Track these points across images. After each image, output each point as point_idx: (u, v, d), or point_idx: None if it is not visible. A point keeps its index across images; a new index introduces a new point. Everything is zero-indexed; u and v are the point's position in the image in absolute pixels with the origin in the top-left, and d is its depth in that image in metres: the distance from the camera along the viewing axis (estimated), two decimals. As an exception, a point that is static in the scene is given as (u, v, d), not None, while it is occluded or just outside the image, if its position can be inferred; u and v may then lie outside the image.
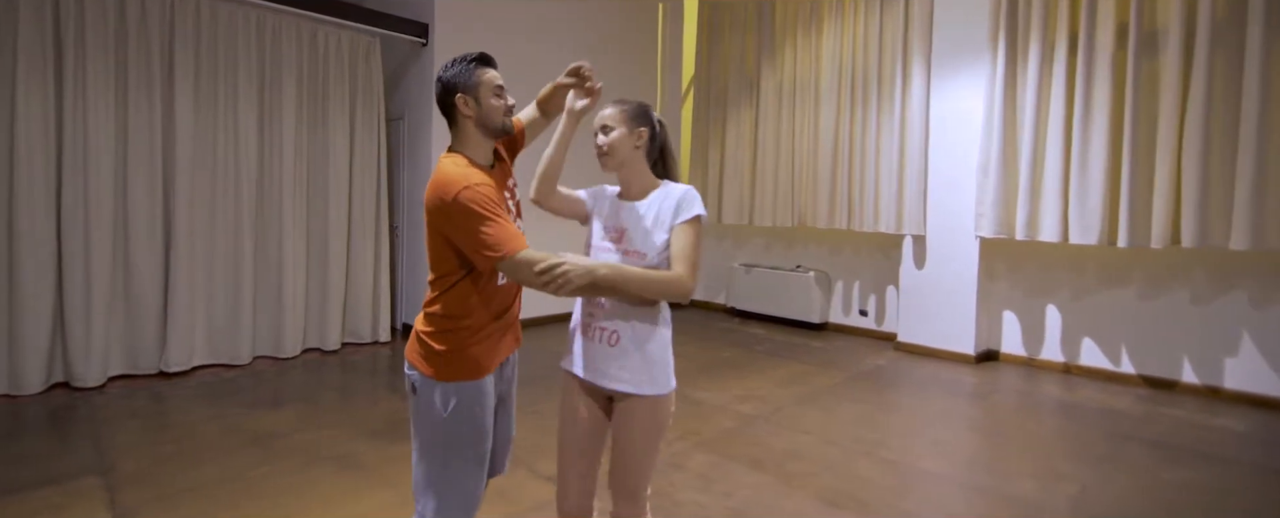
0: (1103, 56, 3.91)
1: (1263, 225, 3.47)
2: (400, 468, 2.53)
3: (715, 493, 2.39)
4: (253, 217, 3.98)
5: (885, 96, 4.99)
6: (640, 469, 1.44)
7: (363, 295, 4.49)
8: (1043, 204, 4.17)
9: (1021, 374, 4.31)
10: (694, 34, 6.55)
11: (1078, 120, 4.01)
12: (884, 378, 4.14)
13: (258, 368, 3.93)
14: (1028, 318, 4.58)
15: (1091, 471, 2.71)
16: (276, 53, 4.03)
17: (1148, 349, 4.09)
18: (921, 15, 4.75)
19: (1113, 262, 4.22)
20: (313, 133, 4.24)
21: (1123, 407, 3.63)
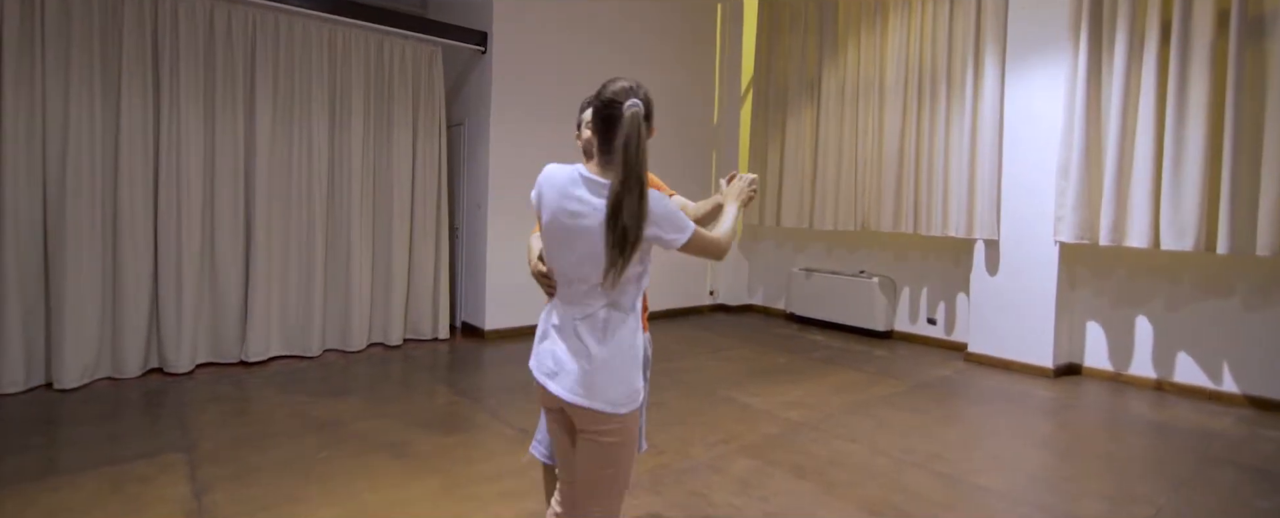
0: (1200, 45, 3.65)
1: (1393, 230, 3.14)
2: (449, 458, 2.70)
3: (752, 498, 2.41)
4: (324, 218, 4.32)
5: (955, 95, 4.83)
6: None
7: (424, 294, 4.77)
8: (1131, 207, 3.93)
9: (1106, 389, 4.06)
10: (753, 34, 6.55)
11: (1171, 116, 3.75)
12: (948, 389, 4.01)
13: (326, 360, 4.26)
14: (1115, 330, 4.31)
15: (1172, 494, 2.54)
16: (346, 64, 4.36)
17: (1253, 366, 3.77)
18: (995, 8, 4.58)
19: (1212, 270, 3.91)
20: (379, 139, 4.56)
21: (1220, 428, 3.37)
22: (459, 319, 5.27)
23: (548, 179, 1.32)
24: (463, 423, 3.15)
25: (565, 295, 1.34)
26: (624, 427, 1.30)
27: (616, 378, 1.29)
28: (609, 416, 1.28)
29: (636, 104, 1.25)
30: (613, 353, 1.29)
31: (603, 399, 1.28)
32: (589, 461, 1.32)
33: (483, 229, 4.96)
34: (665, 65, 6.00)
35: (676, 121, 6.13)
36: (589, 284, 1.29)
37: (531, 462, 2.65)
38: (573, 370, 1.29)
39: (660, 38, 5.95)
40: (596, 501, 1.34)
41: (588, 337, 1.28)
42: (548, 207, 1.30)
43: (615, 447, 1.30)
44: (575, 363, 1.29)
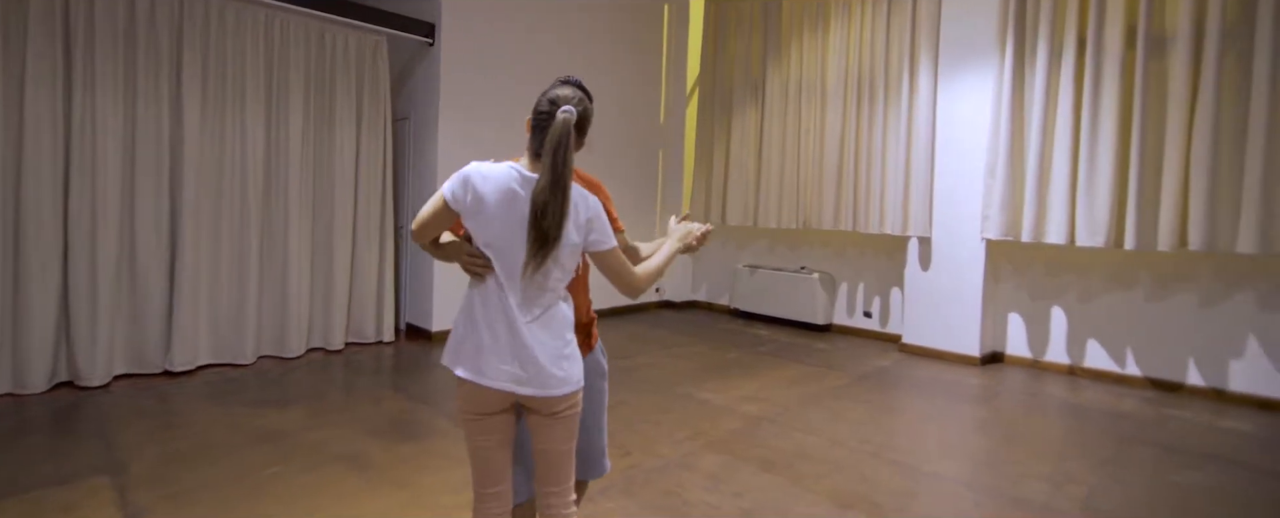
0: (1111, 58, 3.93)
1: (1271, 229, 3.49)
2: (410, 468, 2.53)
3: (726, 494, 2.40)
4: (259, 216, 3.99)
5: (892, 98, 5.01)
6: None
7: (367, 295, 4.50)
8: (1050, 206, 4.19)
9: (1027, 376, 4.33)
10: (699, 34, 6.57)
11: (1086, 122, 4.02)
12: (889, 379, 4.15)
13: (262, 367, 3.94)
14: (1033, 320, 4.60)
15: (1100, 473, 2.72)
16: (284, 52, 4.04)
17: (1154, 351, 4.11)
18: (929, 16, 4.77)
19: (1119, 264, 4.23)
20: (319, 132, 4.25)
21: (1129, 409, 3.64)
22: (403, 321, 5.02)
23: (483, 178, 1.28)
24: (420, 430, 2.98)
25: (515, 297, 1.30)
26: (580, 395, 1.39)
27: (575, 358, 1.36)
28: (577, 392, 1.36)
29: (570, 111, 1.27)
30: (567, 339, 1.35)
31: (573, 382, 1.34)
32: (562, 436, 1.37)
33: (430, 228, 4.73)
34: (613, 64, 5.92)
35: (624, 120, 6.07)
36: (550, 288, 1.32)
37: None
38: (547, 367, 1.30)
39: (609, 36, 5.86)
40: (568, 470, 1.40)
41: (542, 333, 1.31)
42: (492, 208, 1.28)
43: (577, 415, 1.39)
44: (549, 360, 1.30)
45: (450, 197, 1.29)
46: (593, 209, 1.32)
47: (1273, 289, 3.71)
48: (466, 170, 1.30)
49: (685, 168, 6.73)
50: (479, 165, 1.31)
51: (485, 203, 1.27)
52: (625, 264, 1.37)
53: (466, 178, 1.29)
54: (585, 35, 5.65)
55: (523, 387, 1.29)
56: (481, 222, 1.29)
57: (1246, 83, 3.55)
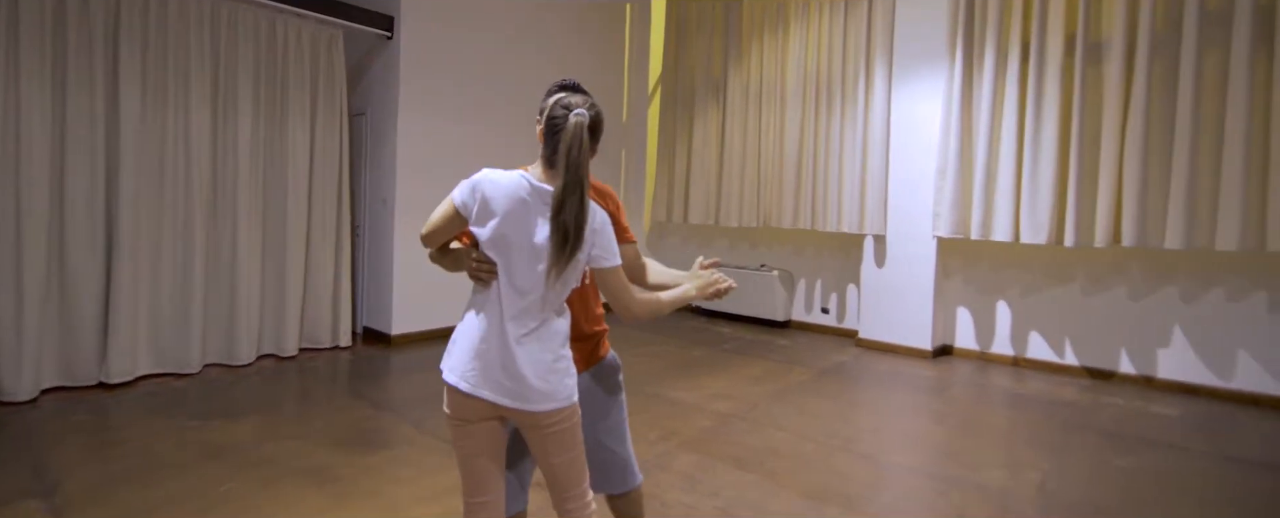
0: (1052, 65, 4.11)
1: (1193, 226, 3.72)
2: (378, 479, 2.42)
3: (702, 494, 2.39)
4: (205, 215, 3.74)
5: (848, 100, 5.11)
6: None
7: (322, 299, 4.29)
8: (996, 206, 4.36)
9: (975, 368, 4.50)
10: (661, 34, 6.55)
11: (1029, 125, 4.20)
12: (849, 374, 4.24)
13: (209, 376, 3.70)
14: (980, 314, 4.78)
15: (1051, 459, 2.84)
16: (232, 43, 3.79)
17: (1090, 342, 4.33)
18: (883, 21, 4.89)
19: (1058, 260, 4.44)
20: (270, 128, 4.02)
21: (1069, 397, 3.83)
22: (361, 325, 4.81)
23: (494, 186, 1.27)
24: (385, 439, 2.85)
25: (511, 308, 1.27)
26: (571, 411, 1.33)
27: (566, 373, 1.31)
28: (565, 408, 1.31)
29: (583, 114, 1.25)
30: (559, 354, 1.31)
31: (559, 398, 1.29)
32: (557, 450, 1.32)
33: (389, 228, 4.55)
34: (575, 61, 5.84)
35: (586, 119, 6.00)
36: (548, 301, 1.28)
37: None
38: (531, 381, 1.26)
39: (571, 34, 5.77)
40: (582, 474, 1.37)
41: (533, 346, 1.27)
42: (501, 217, 1.25)
43: (570, 429, 1.33)
44: (533, 375, 1.26)
45: (459, 203, 1.28)
46: (599, 221, 1.29)
47: (1196, 283, 3.96)
48: (476, 177, 1.29)
49: (648, 167, 6.71)
50: (489, 172, 1.29)
51: (494, 210, 1.25)
52: (626, 287, 1.33)
53: (476, 184, 1.28)
54: (548, 32, 5.55)
55: (506, 399, 1.26)
56: (489, 228, 1.26)
57: (1173, 88, 3.77)
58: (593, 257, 1.29)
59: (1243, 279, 3.82)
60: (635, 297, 1.34)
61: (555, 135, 1.27)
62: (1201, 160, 3.70)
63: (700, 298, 1.46)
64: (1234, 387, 3.84)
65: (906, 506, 2.36)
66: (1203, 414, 3.54)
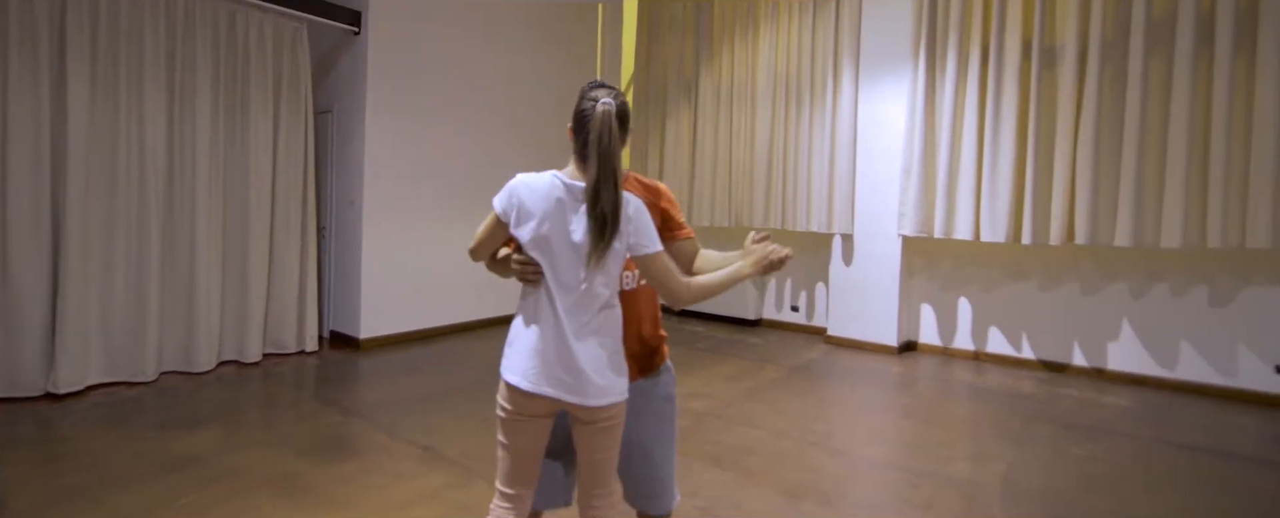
0: (1010, 69, 4.23)
1: (1141, 224, 3.88)
2: (352, 488, 2.34)
3: (681, 492, 2.36)
4: (161, 216, 3.55)
5: (817, 101, 5.18)
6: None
7: (287, 302, 4.13)
8: (958, 205, 4.47)
9: (938, 362, 4.61)
10: (633, 34, 6.53)
11: (989, 127, 4.32)
12: (819, 371, 4.29)
13: (166, 385, 3.52)
14: (942, 310, 4.90)
15: (1013, 450, 2.92)
16: (189, 35, 3.61)
17: (1045, 336, 4.48)
18: (851, 25, 4.96)
19: (1016, 257, 4.58)
20: (231, 125, 3.85)
21: (1026, 389, 3.95)
22: (328, 329, 4.66)
23: (530, 190, 1.30)
24: (358, 446, 2.76)
25: (563, 305, 1.29)
26: (623, 407, 1.35)
27: (621, 369, 1.33)
28: (620, 403, 1.33)
29: (609, 102, 1.27)
30: (616, 348, 1.33)
31: (615, 393, 1.31)
32: (604, 445, 1.35)
33: (357, 228, 4.41)
34: (548, 60, 5.77)
35: (559, 116, 5.93)
36: (595, 293, 1.29)
37: (450, 483, 2.39)
38: (590, 376, 1.27)
39: (543, 32, 5.70)
40: (611, 475, 1.38)
41: (590, 340, 1.29)
42: (539, 219, 1.28)
43: (619, 427, 1.36)
44: (592, 369, 1.28)
45: (500, 210, 1.32)
46: (634, 209, 1.28)
47: (1143, 279, 4.13)
48: (512, 183, 1.32)
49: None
50: (523, 176, 1.32)
51: (531, 212, 1.28)
52: (671, 271, 1.30)
53: (512, 189, 1.31)
54: (520, 30, 5.46)
55: (566, 394, 1.28)
56: (528, 230, 1.29)
57: (1121, 92, 3.93)
58: (632, 245, 1.28)
59: (1185, 275, 4.00)
60: (681, 280, 1.31)
61: (584, 126, 1.28)
62: (1148, 161, 3.86)
63: (756, 273, 1.37)
64: (1177, 377, 4.02)
65: (879, 500, 2.40)
66: (1150, 404, 3.70)
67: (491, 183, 5.63)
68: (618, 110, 1.27)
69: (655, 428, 1.47)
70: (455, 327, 5.07)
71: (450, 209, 4.93)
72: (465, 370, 3.99)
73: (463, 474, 2.47)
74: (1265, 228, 3.51)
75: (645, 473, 1.47)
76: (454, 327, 5.06)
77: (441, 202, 4.88)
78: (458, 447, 2.74)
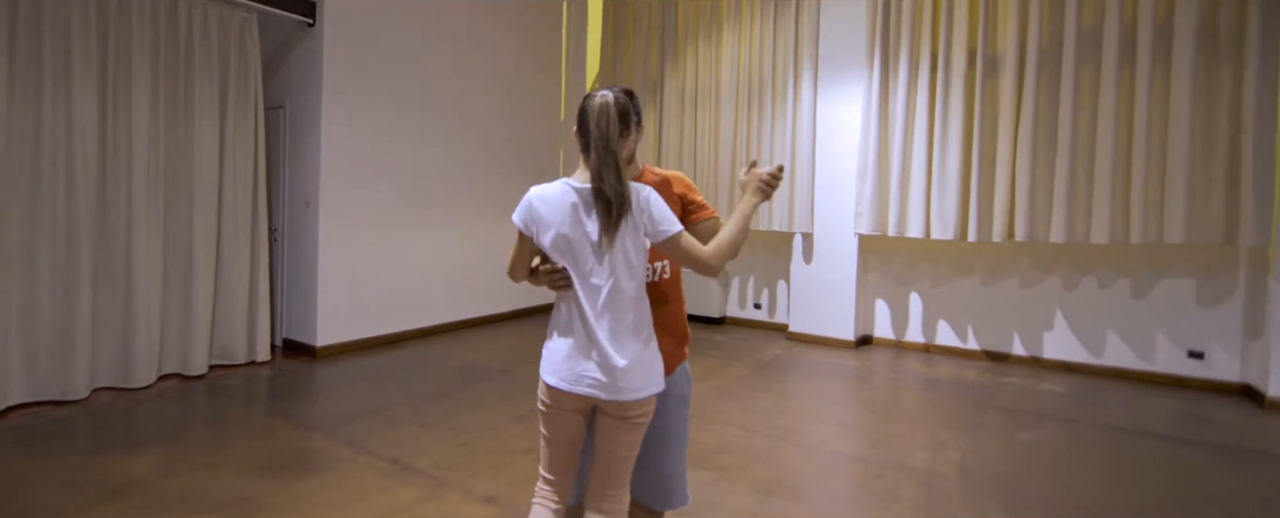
0: (957, 75, 4.38)
1: (1073, 222, 4.09)
2: (312, 506, 2.19)
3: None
4: (92, 218, 3.25)
5: (778, 104, 5.24)
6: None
7: (236, 309, 3.86)
8: (910, 204, 4.61)
9: (892, 355, 4.74)
10: (598, 33, 6.45)
11: (938, 131, 4.47)
12: (784, 367, 4.35)
13: (99, 403, 3.23)
14: (895, 305, 5.05)
15: (966, 438, 3.02)
16: (123, 22, 3.31)
17: (988, 328, 4.68)
18: (810, 31, 5.04)
19: (962, 254, 4.77)
20: (172, 120, 3.55)
21: (973, 379, 4.11)
22: (280, 337, 4.40)
23: (543, 200, 1.34)
24: (319, 462, 2.60)
25: (592, 306, 1.31)
26: (654, 402, 1.37)
27: (655, 361, 1.35)
28: (653, 397, 1.35)
29: (607, 94, 1.32)
30: (649, 339, 1.35)
31: (650, 386, 1.33)
32: (629, 441, 1.36)
33: (312, 230, 4.17)
34: (512, 57, 5.62)
35: (524, 115, 5.79)
36: (620, 287, 1.31)
37: (421, 497, 2.28)
38: (625, 372, 1.29)
39: (506, 29, 5.54)
40: (625, 476, 1.38)
41: (625, 335, 1.31)
42: (557, 225, 1.32)
43: (647, 423, 1.37)
44: (624, 365, 1.29)
45: (520, 224, 1.36)
46: (644, 198, 1.29)
47: (1075, 273, 4.37)
48: (527, 196, 1.36)
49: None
50: (536, 188, 1.36)
51: (549, 220, 1.32)
52: (694, 246, 1.30)
53: (528, 202, 1.36)
54: (483, 25, 5.29)
55: (602, 393, 1.31)
56: (549, 237, 1.33)
57: (1056, 99, 4.13)
58: (652, 232, 1.29)
59: (1111, 269, 4.24)
60: (705, 250, 1.31)
61: (584, 121, 1.32)
62: (1079, 164, 4.07)
63: (760, 197, 1.40)
64: (1105, 363, 4.26)
65: (847, 492, 2.43)
66: (1083, 389, 3.91)
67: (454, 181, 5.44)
68: (615, 101, 1.31)
69: (667, 427, 1.48)
70: (419, 331, 4.88)
71: (412, 208, 4.74)
72: (431, 377, 3.84)
73: (433, 487, 2.36)
74: (1179, 225, 3.76)
75: (656, 471, 1.49)
76: (418, 332, 4.87)
77: (403, 201, 4.68)
78: (427, 458, 2.62)
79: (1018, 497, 2.39)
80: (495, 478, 2.44)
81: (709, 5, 5.55)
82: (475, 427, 3.00)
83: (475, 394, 3.50)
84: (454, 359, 4.27)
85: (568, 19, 6.31)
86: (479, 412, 3.21)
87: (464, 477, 2.44)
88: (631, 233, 1.29)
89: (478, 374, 3.91)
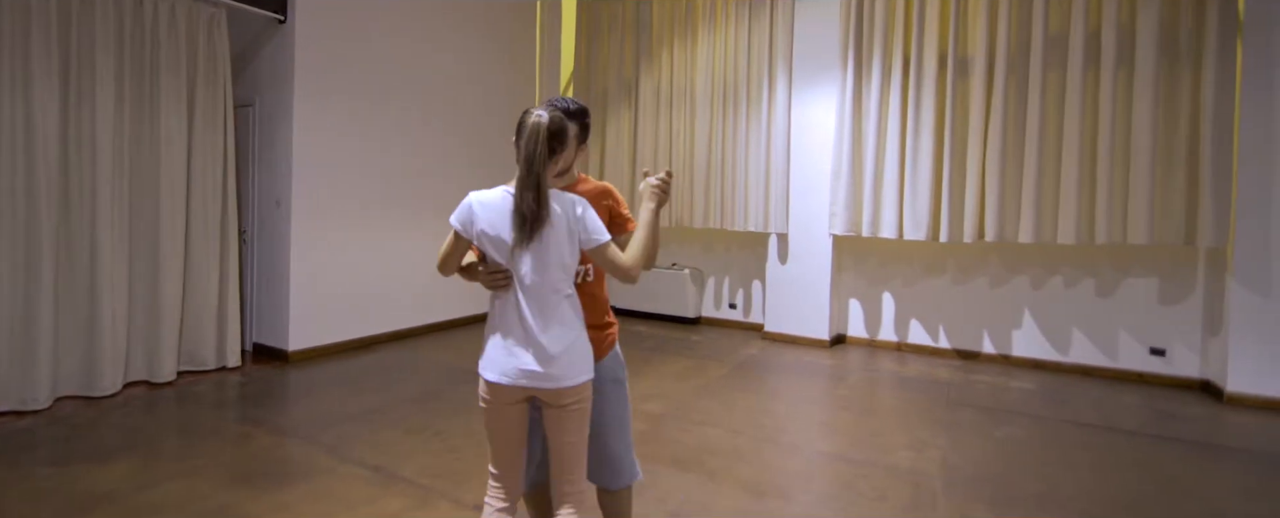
0: (929, 78, 4.47)
1: (1040, 223, 4.21)
2: (294, 517, 2.13)
3: (649, 500, 2.33)
4: (53, 220, 3.10)
5: (753, 104, 5.26)
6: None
7: (204, 314, 3.73)
8: (883, 206, 4.68)
9: (866, 354, 4.82)
10: (572, 32, 6.39)
11: (910, 133, 4.55)
12: (762, 366, 4.38)
13: (63, 413, 3.08)
14: (868, 305, 5.13)
15: (945, 436, 3.09)
16: (86, 17, 3.16)
17: (958, 327, 4.79)
18: (784, 32, 5.07)
19: (934, 254, 4.86)
20: (138, 119, 3.40)
21: (945, 377, 4.19)
22: (250, 342, 4.26)
23: (483, 204, 1.42)
24: (298, 470, 2.52)
25: (527, 303, 1.41)
26: (589, 388, 1.47)
27: (584, 352, 1.45)
28: (585, 384, 1.45)
29: (540, 114, 1.38)
30: (577, 333, 1.44)
31: (581, 374, 1.43)
32: (573, 427, 1.44)
33: (284, 232, 4.04)
34: (484, 57, 5.53)
35: (497, 115, 5.71)
36: (554, 288, 1.41)
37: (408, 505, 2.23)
38: (558, 361, 1.39)
39: (481, 29, 5.45)
40: (580, 462, 1.47)
41: (557, 329, 1.41)
42: (495, 229, 1.40)
43: (586, 410, 1.46)
44: (557, 355, 1.39)
45: (459, 225, 1.44)
46: (580, 205, 1.41)
47: (1042, 272, 4.50)
48: (467, 199, 1.44)
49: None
50: (476, 194, 1.44)
51: (486, 223, 1.40)
52: (616, 254, 1.42)
53: (468, 205, 1.43)
54: (457, 23, 5.20)
55: (537, 383, 1.40)
56: (487, 240, 1.41)
57: (1023, 102, 4.24)
58: (584, 239, 1.40)
59: (1077, 269, 4.38)
60: (624, 258, 1.42)
61: (520, 136, 1.40)
62: (1046, 165, 4.19)
63: (658, 204, 1.51)
64: (1071, 360, 4.40)
65: (835, 492, 2.45)
66: (1051, 386, 4.03)
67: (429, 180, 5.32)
68: (549, 122, 1.38)
69: (605, 410, 1.57)
70: (395, 334, 4.78)
71: (386, 208, 4.64)
72: (411, 381, 3.76)
73: (420, 495, 2.31)
74: (1142, 226, 3.90)
75: (600, 453, 1.58)
76: (394, 334, 4.77)
77: (377, 200, 4.57)
78: (412, 465, 2.57)
79: (1002, 496, 2.44)
80: (484, 486, 2.39)
81: (684, 6, 5.55)
82: (460, 433, 2.95)
83: (458, 399, 3.44)
84: (433, 363, 4.20)
85: (542, 18, 6.25)
86: (463, 417, 3.15)
87: (453, 485, 2.39)
88: (568, 238, 1.40)
89: (458, 378, 3.84)
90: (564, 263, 1.41)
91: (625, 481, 1.62)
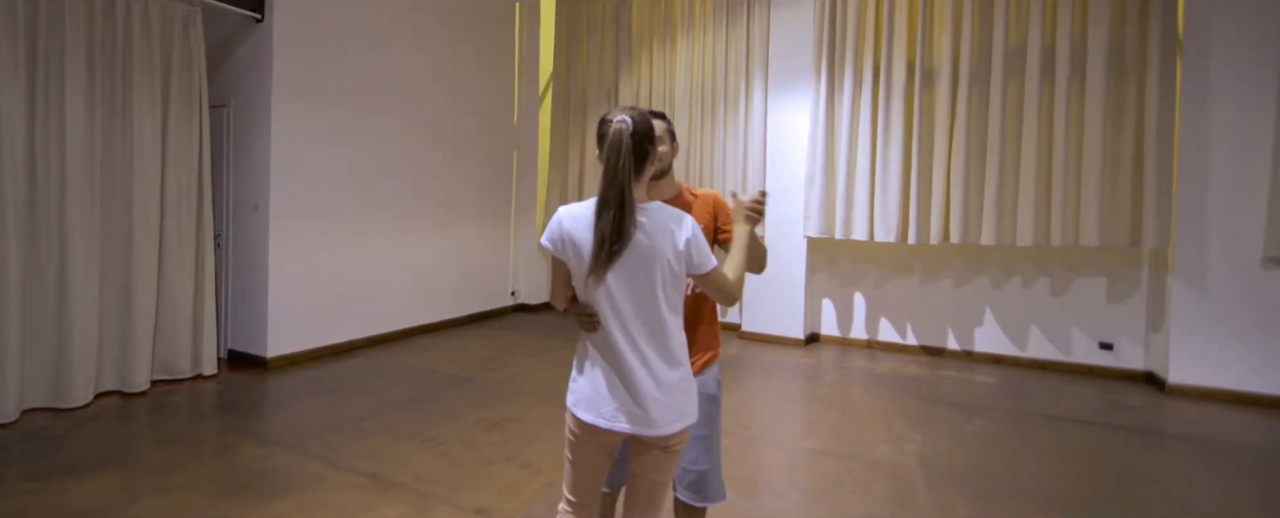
0: (897, 87, 4.63)
1: (1001, 225, 4.41)
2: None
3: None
4: (20, 226, 2.94)
5: (731, 110, 5.35)
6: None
7: (179, 321, 3.59)
8: (855, 209, 4.83)
9: (839, 352, 4.96)
10: (551, 36, 6.36)
11: (880, 139, 4.70)
12: (743, 365, 4.46)
13: (31, 426, 2.93)
14: (840, 304, 5.28)
15: (919, 430, 3.21)
16: (54, 14, 3.01)
17: (925, 324, 4.98)
18: (761, 40, 5.17)
19: (902, 255, 5.04)
20: (109, 119, 3.25)
21: (914, 373, 4.35)
22: (226, 348, 4.12)
23: (572, 220, 1.29)
24: (290, 480, 2.46)
25: (624, 335, 1.28)
26: (690, 430, 1.36)
27: (689, 392, 1.33)
28: (689, 428, 1.34)
29: (624, 120, 1.25)
30: (684, 371, 1.32)
31: (686, 417, 1.32)
32: (665, 469, 1.34)
33: (262, 236, 3.93)
34: (464, 58, 5.46)
35: (477, 117, 5.65)
36: (655, 314, 1.27)
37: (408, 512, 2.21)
38: (662, 405, 1.27)
39: (461, 29, 5.38)
40: (666, 498, 1.38)
41: (661, 367, 1.28)
42: (584, 243, 1.27)
43: (683, 450, 1.36)
44: (661, 397, 1.27)
45: (549, 244, 1.31)
46: (691, 231, 1.27)
47: (1002, 272, 4.71)
48: (556, 215, 1.32)
49: (540, 169, 6.49)
50: (565, 208, 1.31)
51: (578, 242, 1.27)
52: (723, 280, 1.32)
53: (557, 220, 1.30)
54: (437, 25, 5.12)
55: (641, 428, 1.28)
56: (579, 260, 1.28)
57: (985, 110, 4.43)
58: (693, 265, 1.27)
59: (1034, 269, 4.60)
60: (729, 281, 1.32)
61: (601, 145, 1.28)
62: (1006, 171, 4.39)
63: (753, 224, 1.44)
64: (1029, 355, 4.62)
65: (824, 488, 2.53)
66: (1010, 379, 4.22)
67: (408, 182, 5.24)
68: (633, 129, 1.24)
69: (699, 426, 1.51)
70: (374, 339, 4.69)
71: (364, 211, 4.54)
72: (395, 387, 3.70)
73: (419, 501, 2.29)
74: (1093, 228, 4.13)
75: (690, 468, 1.54)
76: (373, 339, 4.68)
77: (355, 203, 4.48)
78: (408, 471, 2.54)
79: (979, 488, 2.53)
80: (483, 489, 2.39)
81: (662, 11, 5.60)
82: (451, 437, 2.93)
83: (445, 403, 3.41)
84: (415, 367, 4.14)
85: (521, 20, 6.21)
86: (452, 422, 3.13)
87: (450, 490, 2.38)
88: (674, 260, 1.25)
89: (443, 382, 3.80)
90: (668, 295, 1.26)
91: (713, 498, 1.56)
